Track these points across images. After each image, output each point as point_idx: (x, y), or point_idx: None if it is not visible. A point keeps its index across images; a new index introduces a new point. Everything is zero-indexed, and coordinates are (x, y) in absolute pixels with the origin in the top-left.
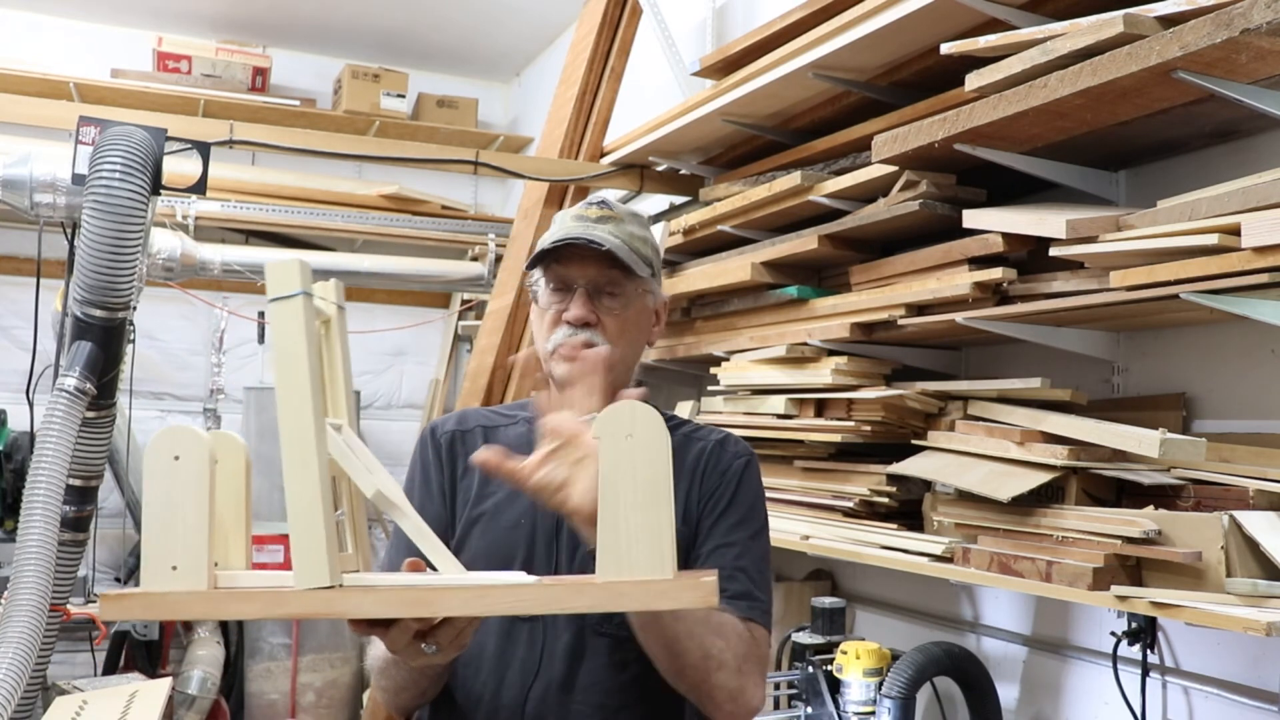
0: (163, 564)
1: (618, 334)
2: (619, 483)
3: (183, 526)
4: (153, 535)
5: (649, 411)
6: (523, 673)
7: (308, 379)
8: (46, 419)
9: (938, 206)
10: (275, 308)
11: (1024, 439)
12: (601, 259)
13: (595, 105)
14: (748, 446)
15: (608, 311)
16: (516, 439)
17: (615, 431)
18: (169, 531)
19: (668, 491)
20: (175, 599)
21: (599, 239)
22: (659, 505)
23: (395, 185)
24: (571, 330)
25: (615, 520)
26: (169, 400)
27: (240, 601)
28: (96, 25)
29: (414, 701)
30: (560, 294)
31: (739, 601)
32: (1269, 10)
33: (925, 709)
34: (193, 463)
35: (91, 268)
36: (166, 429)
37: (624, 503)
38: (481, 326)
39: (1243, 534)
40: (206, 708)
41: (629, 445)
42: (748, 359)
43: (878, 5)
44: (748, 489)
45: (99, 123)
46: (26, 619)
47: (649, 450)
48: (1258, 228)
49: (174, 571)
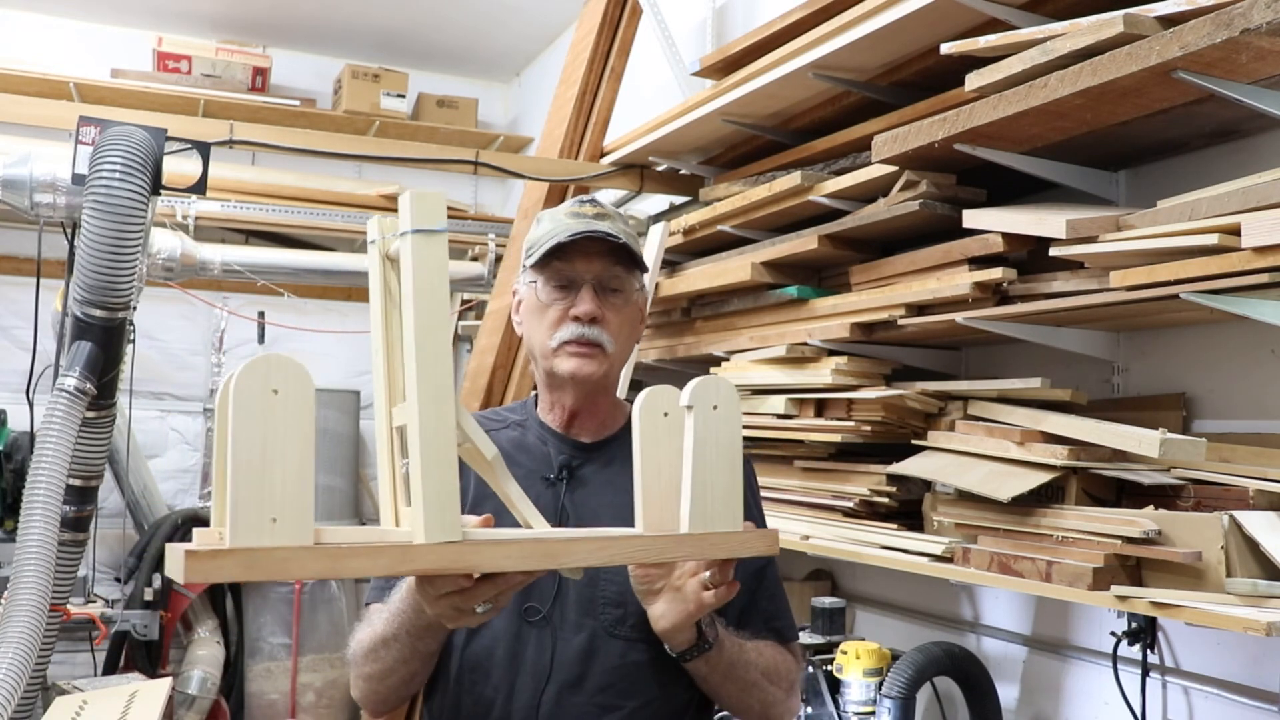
0: (259, 517)
1: (618, 330)
2: (706, 447)
3: (282, 473)
4: (244, 482)
5: (729, 386)
6: (535, 675)
7: (446, 320)
8: (46, 419)
9: (938, 206)
10: (417, 241)
11: (1024, 439)
12: (605, 255)
13: (595, 105)
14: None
15: (611, 307)
16: (508, 443)
17: (704, 402)
18: (265, 478)
19: (740, 457)
20: (284, 556)
21: (614, 232)
22: (735, 469)
23: (395, 185)
24: (580, 327)
25: (704, 480)
26: (169, 400)
27: (362, 558)
28: (96, 25)
29: (399, 688)
30: (563, 290)
31: (781, 622)
32: (1269, 10)
33: (925, 709)
34: (296, 399)
35: (91, 268)
36: (261, 358)
37: (710, 466)
38: (481, 326)
39: (1243, 534)
40: (206, 708)
41: (715, 415)
42: (748, 359)
43: (878, 5)
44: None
45: (99, 123)
46: (26, 619)
47: (730, 421)
48: (1258, 228)
49: (274, 524)
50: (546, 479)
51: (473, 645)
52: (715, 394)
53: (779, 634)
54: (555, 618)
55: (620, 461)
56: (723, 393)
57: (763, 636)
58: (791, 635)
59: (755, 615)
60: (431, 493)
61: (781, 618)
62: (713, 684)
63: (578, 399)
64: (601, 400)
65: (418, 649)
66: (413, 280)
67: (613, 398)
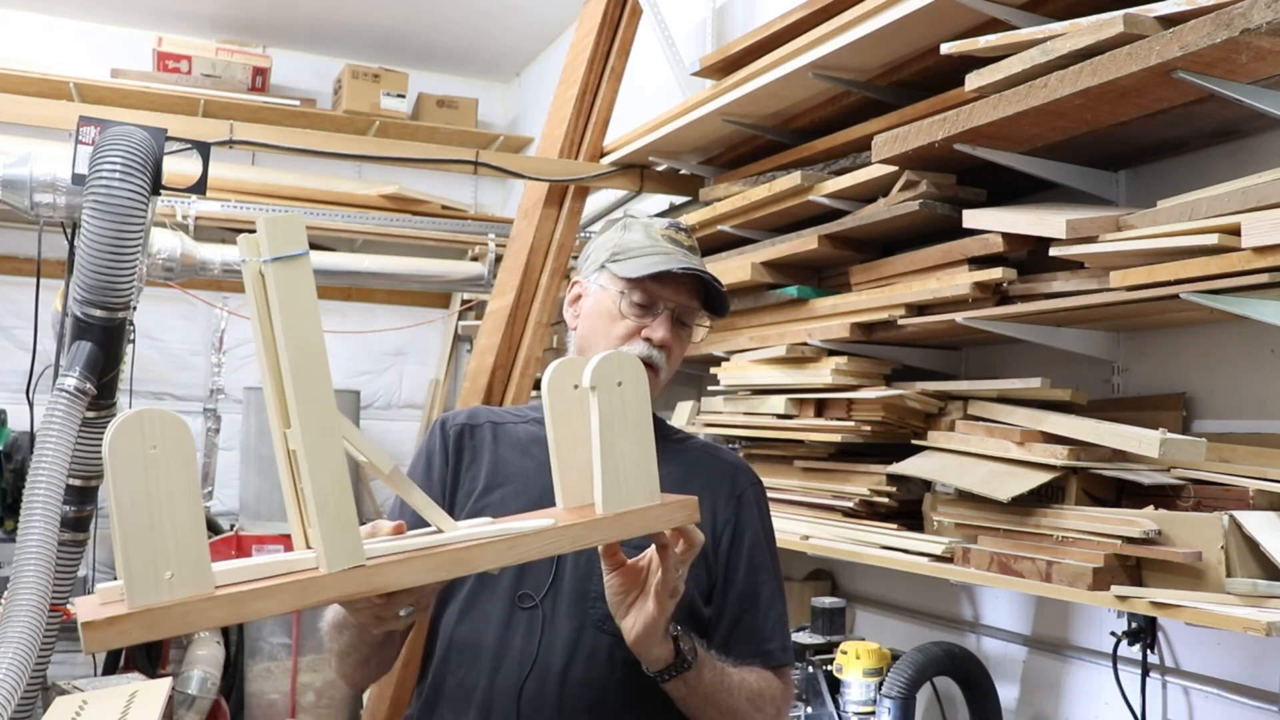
0: (154, 574)
1: (676, 357)
2: (614, 425)
3: (171, 526)
4: (134, 541)
5: (633, 361)
6: (520, 662)
7: (322, 347)
8: (46, 419)
9: (938, 206)
10: (277, 269)
11: (1024, 439)
12: (693, 291)
13: (595, 105)
14: (755, 474)
15: (678, 339)
16: (526, 437)
17: (607, 380)
18: (154, 534)
19: (650, 429)
20: (184, 611)
21: (711, 276)
22: (646, 442)
23: (395, 185)
24: (649, 349)
25: (614, 459)
26: (169, 400)
27: (266, 599)
28: (96, 25)
29: (361, 667)
30: (643, 310)
31: (772, 645)
32: (1269, 10)
33: (925, 709)
34: (173, 450)
35: (91, 268)
36: (130, 415)
37: (619, 444)
38: (481, 326)
39: (1243, 534)
40: (206, 708)
41: (619, 392)
42: (748, 359)
43: (878, 5)
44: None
45: (99, 123)
46: (26, 619)
47: (636, 395)
48: (1258, 228)
49: (170, 579)
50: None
51: (461, 627)
52: (619, 370)
53: (768, 657)
54: (547, 606)
55: None
56: (626, 368)
57: (750, 661)
58: (783, 659)
59: (743, 637)
60: (329, 521)
61: (773, 640)
62: (692, 707)
63: None
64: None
65: (364, 639)
66: (279, 309)
67: None
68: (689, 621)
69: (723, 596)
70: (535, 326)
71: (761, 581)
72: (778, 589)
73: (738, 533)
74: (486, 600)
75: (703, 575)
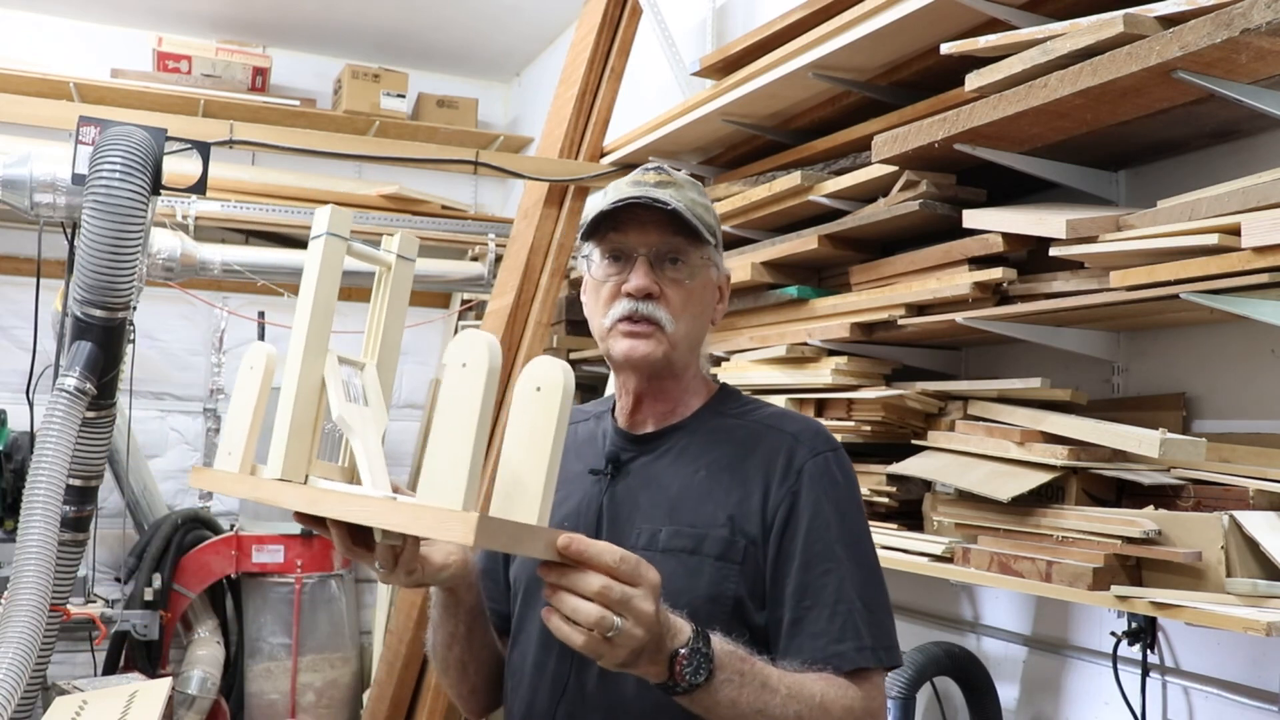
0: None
1: (681, 307)
2: (449, 409)
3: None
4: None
5: (490, 341)
6: (554, 685)
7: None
8: (46, 419)
9: (938, 206)
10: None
11: (1024, 439)
12: (664, 224)
13: (595, 105)
14: (830, 437)
15: (670, 282)
16: (584, 434)
17: (455, 359)
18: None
19: (480, 423)
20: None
21: (662, 198)
22: (466, 435)
23: (395, 185)
24: (633, 303)
25: (438, 446)
26: (169, 400)
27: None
28: (96, 25)
29: (463, 655)
30: (618, 263)
31: (843, 646)
32: (1269, 10)
33: (925, 709)
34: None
35: (91, 268)
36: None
37: (448, 430)
38: (481, 326)
39: (1243, 534)
40: (206, 708)
41: (462, 374)
42: (748, 359)
43: (878, 5)
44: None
45: (99, 123)
46: (26, 619)
47: (476, 380)
48: (1258, 228)
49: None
50: (595, 473)
51: (513, 651)
52: (468, 350)
53: (840, 660)
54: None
55: (674, 453)
56: (476, 348)
57: (818, 667)
58: (860, 661)
59: (806, 640)
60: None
61: (845, 639)
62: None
63: (639, 383)
64: (671, 385)
65: (451, 611)
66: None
67: (685, 382)
68: (736, 629)
69: (778, 595)
70: (535, 326)
71: (825, 571)
72: (854, 577)
73: (792, 517)
74: (529, 622)
75: (750, 573)
